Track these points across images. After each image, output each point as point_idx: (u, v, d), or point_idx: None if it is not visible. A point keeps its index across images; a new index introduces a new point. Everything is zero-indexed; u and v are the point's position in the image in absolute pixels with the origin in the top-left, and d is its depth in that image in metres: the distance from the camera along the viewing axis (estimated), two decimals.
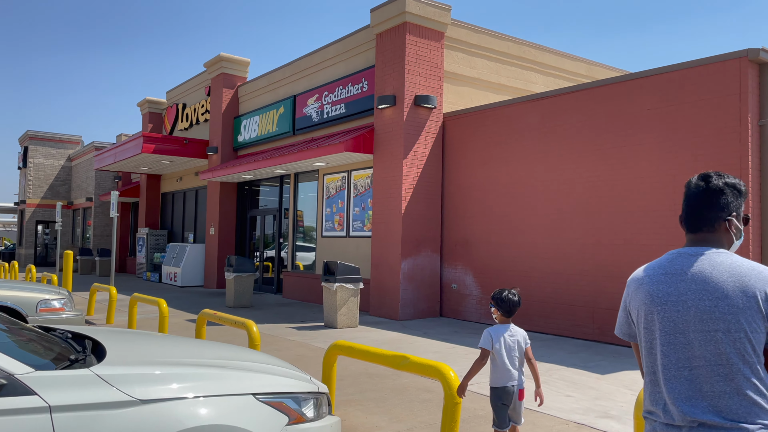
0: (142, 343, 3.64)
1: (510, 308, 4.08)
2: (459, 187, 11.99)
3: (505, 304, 4.08)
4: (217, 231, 18.51)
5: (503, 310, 4.08)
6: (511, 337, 4.02)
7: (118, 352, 3.23)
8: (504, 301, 4.08)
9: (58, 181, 31.48)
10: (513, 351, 4.01)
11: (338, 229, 14.21)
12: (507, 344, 3.99)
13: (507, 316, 4.08)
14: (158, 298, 8.79)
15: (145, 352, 3.38)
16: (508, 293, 4.10)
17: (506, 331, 4.03)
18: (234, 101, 18.83)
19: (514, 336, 4.05)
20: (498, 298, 4.10)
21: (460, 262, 11.87)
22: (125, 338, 3.72)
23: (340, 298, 10.46)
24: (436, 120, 12.28)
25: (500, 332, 4.02)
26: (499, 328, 4.05)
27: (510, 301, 4.08)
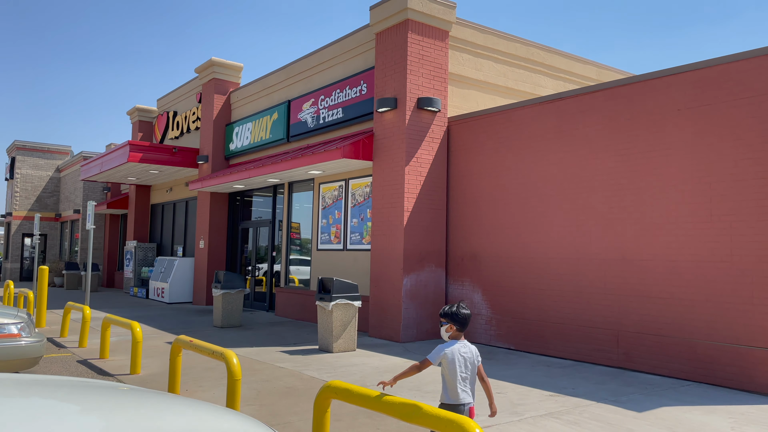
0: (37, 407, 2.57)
1: (464, 322, 4.02)
2: (466, 196, 11.07)
3: (459, 319, 4.01)
4: (207, 244, 17.53)
5: (458, 324, 4.01)
6: (464, 353, 3.95)
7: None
8: (458, 316, 4.01)
9: (46, 192, 30.50)
10: (466, 368, 3.93)
11: (335, 242, 13.25)
12: (460, 360, 3.91)
13: (461, 331, 4.03)
14: (132, 321, 7.81)
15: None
16: (460, 307, 4.04)
17: (460, 346, 3.97)
18: (226, 108, 17.95)
19: (467, 352, 3.98)
20: (451, 313, 4.03)
21: (467, 278, 10.91)
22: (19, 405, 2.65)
23: (336, 318, 9.48)
24: (441, 124, 11.38)
25: (454, 348, 3.94)
26: (452, 344, 3.97)
27: (463, 315, 4.02)
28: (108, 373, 7.70)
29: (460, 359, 3.91)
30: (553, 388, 7.18)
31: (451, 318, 4.01)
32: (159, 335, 11.19)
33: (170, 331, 11.85)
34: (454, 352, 3.92)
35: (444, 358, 3.89)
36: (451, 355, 3.90)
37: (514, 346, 10.00)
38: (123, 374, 7.63)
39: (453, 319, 4.01)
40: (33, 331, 7.09)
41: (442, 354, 3.89)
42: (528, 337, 9.78)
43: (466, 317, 4.03)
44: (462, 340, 4.01)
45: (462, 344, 3.99)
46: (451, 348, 3.93)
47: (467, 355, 3.96)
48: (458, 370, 3.89)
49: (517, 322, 9.98)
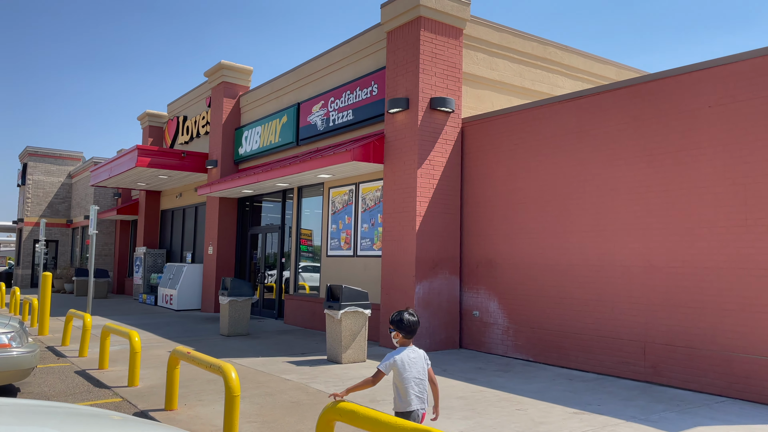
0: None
1: (409, 329, 4.03)
2: (481, 200, 10.61)
3: (404, 326, 4.02)
4: (216, 250, 17.19)
5: (405, 332, 4.03)
6: (413, 359, 3.97)
7: None
8: (403, 323, 4.03)
9: (58, 198, 30.44)
10: (416, 374, 3.95)
11: (345, 248, 12.83)
12: (410, 368, 3.93)
13: (409, 338, 4.05)
14: (131, 330, 7.43)
15: None
16: (407, 314, 4.06)
17: (408, 353, 3.99)
18: (235, 111, 17.65)
19: (416, 357, 4.00)
20: (398, 320, 4.04)
21: (482, 285, 10.43)
22: None
23: (345, 327, 9.05)
24: (455, 125, 10.94)
25: (402, 355, 3.95)
26: (400, 351, 3.99)
27: (409, 322, 4.04)
28: (105, 385, 7.32)
29: (410, 366, 3.93)
30: (577, 404, 6.68)
31: (398, 325, 4.04)
32: (163, 344, 10.82)
33: (175, 339, 11.48)
34: (403, 359, 3.94)
35: (394, 366, 3.92)
36: (400, 362, 3.92)
37: (532, 358, 9.49)
38: (120, 386, 7.24)
39: (399, 327, 4.03)
40: (25, 341, 6.74)
41: (392, 362, 3.92)
42: (547, 348, 9.27)
43: (411, 324, 4.04)
44: (410, 347, 4.04)
45: (410, 350, 4.01)
46: (400, 355, 3.95)
47: (416, 360, 3.99)
48: (408, 376, 3.92)
49: (535, 332, 9.48)
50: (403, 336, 4.06)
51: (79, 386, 7.31)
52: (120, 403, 6.51)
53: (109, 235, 27.44)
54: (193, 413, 6.09)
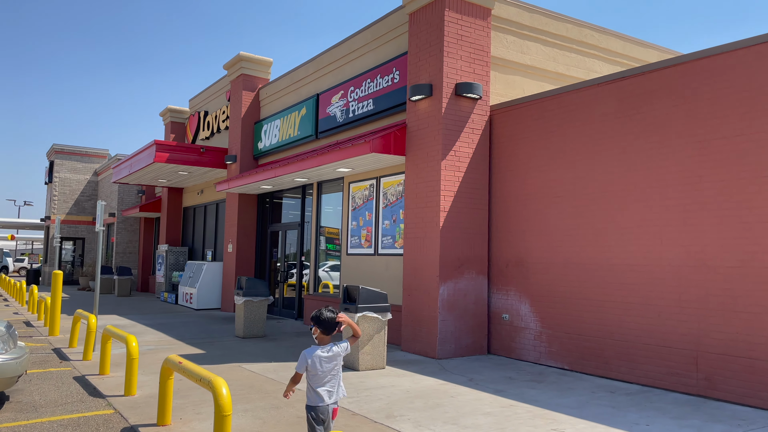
0: None
1: (327, 326, 4.08)
2: (511, 194, 9.79)
3: (321, 322, 4.08)
4: (235, 248, 16.69)
5: (323, 328, 4.08)
6: (327, 357, 4.04)
7: None
8: (320, 319, 4.08)
9: (84, 196, 30.47)
10: (329, 371, 4.04)
11: (365, 246, 12.14)
12: (323, 365, 4.02)
13: (326, 334, 4.10)
14: (129, 335, 6.86)
15: None
16: (327, 311, 4.11)
17: (322, 351, 4.05)
18: (255, 105, 17.11)
19: (332, 354, 4.06)
20: (317, 317, 4.10)
21: (512, 286, 9.62)
22: None
23: (363, 331, 8.35)
24: (482, 113, 10.13)
25: (315, 354, 4.04)
26: (314, 350, 4.07)
27: (326, 318, 4.08)
28: (100, 394, 6.75)
29: (321, 363, 4.02)
30: (623, 423, 5.86)
31: (316, 322, 4.10)
32: (174, 346, 10.29)
33: (188, 341, 10.95)
34: (314, 358, 4.03)
35: (307, 365, 4.04)
36: (311, 362, 4.03)
37: (567, 366, 8.66)
38: (116, 395, 6.67)
39: (317, 323, 4.10)
40: (11, 346, 6.20)
41: (305, 362, 4.04)
42: (585, 356, 8.42)
43: (328, 320, 4.08)
44: (327, 344, 4.10)
45: (326, 348, 4.08)
46: (312, 355, 4.05)
47: (331, 357, 4.06)
48: (320, 374, 4.02)
49: (571, 338, 8.64)
50: (321, 332, 4.10)
51: (72, 395, 6.76)
52: (111, 416, 5.93)
53: (133, 232, 27.30)
54: (187, 429, 5.47)
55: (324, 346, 4.08)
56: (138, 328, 12.73)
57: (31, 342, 10.67)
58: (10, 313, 15.70)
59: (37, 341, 10.78)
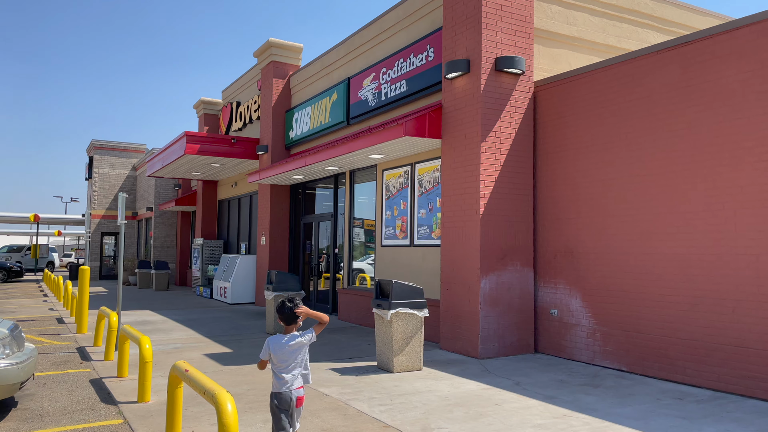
0: None
1: (286, 317, 4.14)
2: (559, 177, 8.91)
3: (282, 313, 4.14)
4: (268, 241, 16.23)
5: (283, 318, 4.15)
6: (290, 345, 4.08)
7: None
8: (280, 309, 4.15)
9: (123, 191, 30.69)
10: (291, 359, 4.08)
11: (400, 237, 11.43)
12: (285, 353, 4.07)
13: (288, 324, 4.15)
14: (142, 336, 6.34)
15: None
16: (287, 302, 4.16)
17: (286, 339, 4.10)
18: (286, 93, 16.55)
19: (294, 343, 4.09)
20: (279, 308, 4.17)
21: (561, 279, 8.76)
22: None
23: (396, 330, 7.66)
24: (525, 90, 9.27)
25: (279, 341, 4.10)
26: (279, 337, 4.12)
27: (287, 309, 4.14)
28: (113, 400, 6.27)
29: (282, 351, 4.07)
30: None
31: (278, 312, 4.17)
32: (201, 344, 9.82)
33: (217, 338, 10.48)
34: (276, 346, 4.09)
35: (270, 352, 4.11)
36: (273, 348, 4.10)
37: (626, 368, 7.78)
38: (130, 402, 6.17)
39: (279, 313, 4.16)
40: (14, 350, 5.75)
41: (267, 349, 4.12)
42: (646, 356, 7.53)
43: (287, 311, 4.14)
44: (292, 333, 4.13)
45: (290, 336, 4.12)
46: (274, 342, 4.11)
47: (293, 346, 4.09)
48: (282, 362, 4.07)
49: (629, 336, 7.75)
50: (282, 321, 4.16)
51: (84, 401, 6.29)
52: (119, 426, 5.41)
53: (170, 226, 27.30)
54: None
55: (288, 334, 4.13)
56: (168, 324, 12.38)
57: (58, 340, 10.39)
58: (46, 309, 15.65)
59: (63, 339, 10.49)
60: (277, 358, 4.07)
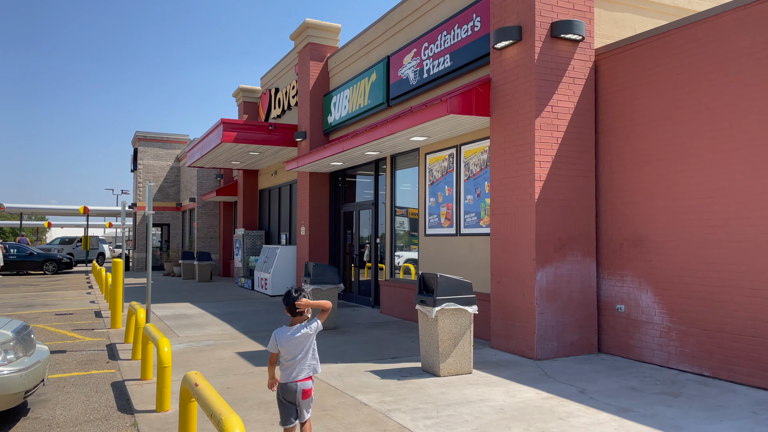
0: None
1: (291, 309, 4.08)
2: (625, 156, 7.89)
3: (286, 303, 4.10)
4: (308, 230, 15.64)
5: (288, 309, 4.10)
6: (296, 337, 4.03)
7: None
8: (285, 299, 4.11)
9: (168, 182, 30.79)
10: (296, 350, 4.03)
11: (445, 225, 10.59)
12: (291, 345, 4.03)
13: (291, 315, 4.11)
14: (161, 337, 5.76)
15: None
16: (291, 290, 4.13)
17: (292, 331, 4.05)
18: (323, 76, 15.85)
19: (301, 335, 4.04)
20: (283, 299, 4.13)
21: (629, 271, 7.76)
22: None
23: (443, 329, 6.86)
24: (585, 59, 8.25)
25: (284, 333, 4.07)
26: (285, 329, 4.09)
27: (290, 299, 4.09)
28: (131, 409, 5.71)
29: (288, 342, 4.02)
30: None
31: (284, 304, 4.11)
32: (235, 341, 9.27)
33: (252, 334, 9.93)
34: (283, 338, 4.04)
35: (277, 344, 4.06)
36: (280, 341, 4.05)
37: (708, 372, 6.76)
38: (148, 411, 5.60)
39: (284, 305, 4.10)
40: (20, 354, 5.23)
41: (274, 341, 4.07)
42: (733, 359, 6.50)
43: (292, 301, 4.08)
44: (299, 324, 4.08)
45: (296, 328, 4.07)
46: (281, 334, 4.07)
47: (299, 337, 4.03)
48: (287, 353, 4.02)
49: (712, 336, 6.72)
50: (288, 313, 4.11)
51: (99, 408, 5.76)
52: None
53: (213, 217, 27.18)
54: None
55: (295, 326, 4.09)
56: (205, 318, 11.93)
57: (90, 336, 10.03)
58: (87, 302, 15.52)
59: (95, 335, 10.14)
60: (284, 350, 4.05)
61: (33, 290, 18.90)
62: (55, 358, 8.16)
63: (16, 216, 48.45)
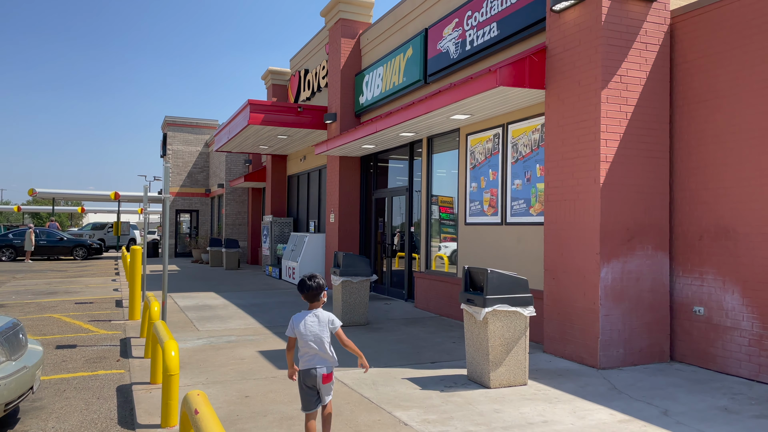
0: None
1: (309, 293, 4.11)
2: (707, 135, 6.78)
3: (302, 289, 4.11)
4: (338, 218, 14.80)
5: (304, 294, 4.12)
6: (312, 322, 4.06)
7: None
8: (301, 286, 4.12)
9: (197, 168, 30.33)
10: (314, 335, 4.03)
11: (489, 213, 9.59)
12: (308, 329, 4.04)
13: (310, 301, 4.13)
14: (168, 340, 4.96)
15: None
16: (307, 279, 4.12)
17: (308, 316, 4.08)
18: (355, 54, 14.90)
19: (317, 321, 4.07)
20: (300, 284, 4.14)
21: (710, 267, 6.68)
22: None
23: (494, 333, 5.91)
24: (659, 21, 7.12)
25: (301, 318, 4.08)
26: (302, 314, 4.10)
27: (307, 286, 4.11)
28: (133, 422, 4.93)
29: (305, 328, 4.03)
30: None
31: (299, 288, 4.12)
32: (259, 337, 8.48)
33: (277, 329, 9.13)
34: (300, 323, 4.05)
35: (295, 329, 4.06)
36: (298, 326, 4.05)
37: None
38: (152, 425, 4.81)
39: (300, 289, 4.12)
40: (4, 358, 4.47)
41: (292, 326, 4.09)
42: None
43: (309, 287, 4.10)
44: (315, 310, 4.11)
45: (312, 314, 4.09)
46: (299, 319, 4.07)
47: (315, 323, 4.05)
48: (305, 338, 4.02)
49: None
50: (304, 298, 4.12)
51: (98, 421, 4.99)
52: None
53: (242, 203, 26.60)
54: None
55: (312, 311, 4.10)
56: (229, 310, 11.21)
57: (106, 328, 9.38)
58: (111, 290, 15.01)
59: (112, 327, 9.48)
60: (305, 335, 4.02)
61: (59, 276, 18.55)
62: (62, 355, 7.48)
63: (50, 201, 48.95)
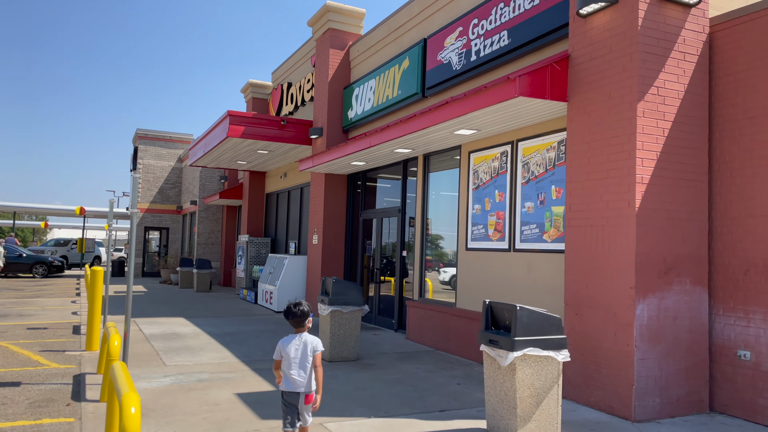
0: None
1: (292, 320, 4.33)
2: (753, 156, 6.04)
3: (288, 315, 4.33)
4: (321, 239, 13.81)
5: (290, 320, 4.33)
6: (297, 346, 4.27)
7: None
8: (289, 313, 4.33)
9: (168, 183, 29.02)
10: (297, 358, 4.23)
11: (495, 238, 8.73)
12: (292, 352, 4.24)
13: (296, 327, 4.34)
14: (127, 392, 3.89)
15: None
16: (293, 306, 4.34)
17: (295, 340, 4.29)
18: (344, 66, 14.09)
19: (301, 344, 4.27)
20: (286, 311, 4.35)
21: (758, 306, 5.89)
22: None
23: (523, 382, 4.98)
24: (698, 29, 6.43)
25: (289, 342, 4.29)
26: (289, 338, 4.31)
27: (292, 313, 4.33)
28: None
29: (292, 351, 4.24)
30: None
31: (285, 315, 4.35)
32: (236, 374, 7.40)
33: (256, 365, 8.06)
34: (287, 347, 4.27)
35: (282, 352, 4.28)
36: (284, 350, 4.27)
37: None
38: None
39: (286, 316, 4.34)
40: None
41: (279, 350, 4.30)
42: None
43: (295, 314, 4.32)
44: (300, 333, 4.32)
45: (298, 337, 4.30)
46: (287, 343, 4.29)
47: (300, 346, 4.26)
48: (289, 360, 4.24)
49: None
50: (291, 324, 4.31)
51: None
52: None
53: (215, 222, 25.37)
54: None
55: (298, 334, 4.29)
56: (200, 340, 10.08)
57: (58, 361, 8.18)
58: (69, 312, 13.68)
59: (65, 359, 8.28)
60: (289, 358, 4.18)
61: (14, 296, 17.07)
62: (2, 396, 6.30)
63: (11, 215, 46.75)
